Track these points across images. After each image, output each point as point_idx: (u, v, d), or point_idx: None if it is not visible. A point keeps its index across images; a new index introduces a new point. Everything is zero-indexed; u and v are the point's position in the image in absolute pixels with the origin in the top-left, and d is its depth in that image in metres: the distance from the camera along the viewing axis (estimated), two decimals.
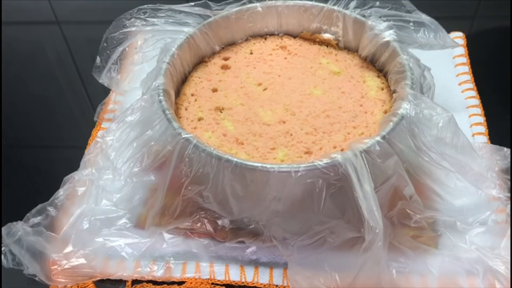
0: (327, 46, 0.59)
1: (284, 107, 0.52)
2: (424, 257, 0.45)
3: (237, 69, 0.57)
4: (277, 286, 0.46)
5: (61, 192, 0.48)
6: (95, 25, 0.75)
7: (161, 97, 0.48)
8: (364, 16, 0.56)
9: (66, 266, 0.46)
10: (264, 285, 0.46)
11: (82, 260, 0.46)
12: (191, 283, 0.46)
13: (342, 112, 0.51)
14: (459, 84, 0.60)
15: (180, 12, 0.57)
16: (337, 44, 0.59)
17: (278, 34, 0.61)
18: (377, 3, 0.56)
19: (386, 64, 0.54)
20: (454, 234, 0.46)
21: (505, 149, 0.48)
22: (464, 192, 0.47)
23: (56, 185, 0.49)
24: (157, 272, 0.46)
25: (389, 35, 0.53)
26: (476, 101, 0.58)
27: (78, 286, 0.46)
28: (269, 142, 0.49)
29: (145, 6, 0.57)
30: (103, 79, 0.57)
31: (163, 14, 0.57)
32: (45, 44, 0.76)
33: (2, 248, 0.44)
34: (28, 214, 0.46)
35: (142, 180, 0.48)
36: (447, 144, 0.44)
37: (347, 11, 0.56)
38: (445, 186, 0.46)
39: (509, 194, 0.46)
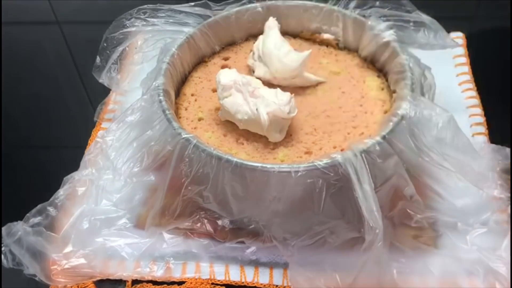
0: (327, 46, 0.59)
1: None
2: (424, 257, 0.45)
3: (237, 69, 0.57)
4: (277, 286, 0.46)
5: (61, 192, 0.48)
6: (95, 25, 0.75)
7: (161, 97, 0.48)
8: (364, 16, 0.56)
9: (66, 266, 0.46)
10: (264, 285, 0.46)
11: (82, 260, 0.46)
12: (191, 283, 0.46)
13: (342, 112, 0.51)
14: (459, 84, 0.60)
15: (180, 12, 0.57)
16: (337, 44, 0.59)
17: None
18: (377, 3, 0.56)
19: (386, 64, 0.54)
20: (455, 234, 0.46)
21: (506, 149, 0.48)
22: (465, 192, 0.47)
23: (56, 185, 0.49)
24: (157, 272, 0.46)
25: (389, 35, 0.53)
26: (476, 101, 0.58)
27: (78, 286, 0.46)
28: (269, 142, 0.49)
29: (145, 6, 0.57)
30: (103, 79, 0.57)
31: (163, 14, 0.57)
32: (45, 44, 0.76)
33: (2, 248, 0.44)
34: (28, 214, 0.46)
35: (142, 180, 0.48)
36: (448, 144, 0.44)
37: (347, 11, 0.56)
38: (446, 186, 0.46)
39: (510, 195, 0.46)
